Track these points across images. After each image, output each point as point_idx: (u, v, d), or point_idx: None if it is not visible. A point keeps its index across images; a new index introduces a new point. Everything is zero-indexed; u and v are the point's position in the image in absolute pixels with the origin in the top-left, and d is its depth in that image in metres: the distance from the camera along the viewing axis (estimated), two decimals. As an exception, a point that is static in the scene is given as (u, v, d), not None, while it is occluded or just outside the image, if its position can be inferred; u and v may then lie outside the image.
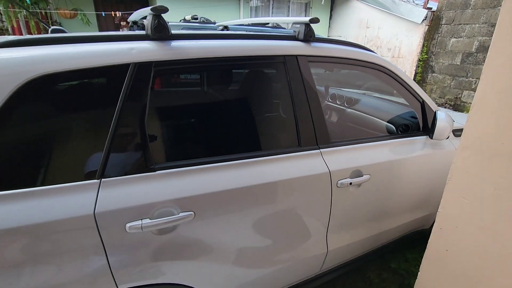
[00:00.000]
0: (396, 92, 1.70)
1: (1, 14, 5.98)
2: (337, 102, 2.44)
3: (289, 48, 1.25)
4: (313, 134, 1.29)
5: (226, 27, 1.94)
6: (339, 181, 1.32)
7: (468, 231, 1.16)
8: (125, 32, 1.06)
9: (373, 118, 2.00)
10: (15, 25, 5.94)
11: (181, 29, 2.68)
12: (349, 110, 2.27)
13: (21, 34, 6.24)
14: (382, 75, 1.57)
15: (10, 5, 5.46)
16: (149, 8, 1.00)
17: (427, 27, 5.63)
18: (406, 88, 1.63)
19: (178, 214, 0.99)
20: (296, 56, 1.27)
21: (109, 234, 0.90)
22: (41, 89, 0.86)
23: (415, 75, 6.00)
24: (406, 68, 6.11)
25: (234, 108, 1.25)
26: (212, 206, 1.05)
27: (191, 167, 1.03)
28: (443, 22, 5.42)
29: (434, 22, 5.57)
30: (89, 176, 0.89)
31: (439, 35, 5.52)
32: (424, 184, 1.70)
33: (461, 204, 1.17)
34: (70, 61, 0.89)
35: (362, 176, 1.38)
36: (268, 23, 3.86)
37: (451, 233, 1.22)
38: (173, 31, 1.05)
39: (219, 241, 1.10)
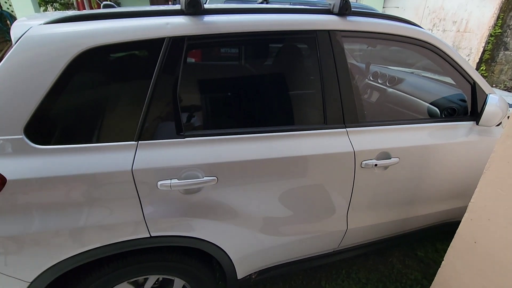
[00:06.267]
0: (444, 72, 1.56)
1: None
2: (378, 81, 2.30)
3: (321, 22, 1.22)
4: (340, 112, 1.28)
5: (266, 0, 1.92)
6: (364, 162, 1.30)
7: (502, 224, 1.09)
8: (162, 7, 1.13)
9: (415, 99, 1.86)
10: (79, 0, 6.49)
11: (224, 2, 2.70)
12: (390, 89, 2.14)
13: (84, 8, 6.81)
14: (428, 52, 1.45)
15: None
16: None
17: (506, -5, 4.80)
18: (455, 68, 1.48)
19: (202, 178, 1.09)
20: (328, 31, 1.23)
21: (144, 188, 1.04)
22: (90, 60, 0.99)
23: (482, 53, 5.26)
24: (473, 45, 5.37)
25: (262, 82, 1.28)
26: (234, 174, 1.14)
27: (217, 137, 1.12)
28: (527, -11, 4.57)
29: (516, -11, 4.72)
30: (129, 138, 1.03)
31: (521, 5, 4.68)
32: (464, 174, 1.58)
33: (496, 196, 1.09)
34: (114, 35, 0.99)
35: (390, 158, 1.34)
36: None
37: (482, 224, 1.16)
38: (213, 4, 1.09)
39: (241, 207, 1.20)
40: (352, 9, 1.27)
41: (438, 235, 2.02)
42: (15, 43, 0.94)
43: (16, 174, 0.93)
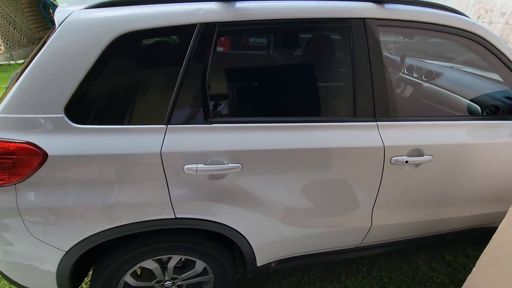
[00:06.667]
0: (491, 67, 1.44)
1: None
2: (414, 75, 2.18)
3: (356, 10, 1.16)
4: (372, 105, 1.23)
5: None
6: (394, 158, 1.25)
7: (546, 233, 1.00)
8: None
9: (453, 95, 1.75)
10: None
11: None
12: (425, 84, 2.02)
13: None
14: (475, 45, 1.34)
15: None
16: None
17: None
18: (504, 63, 1.36)
19: (227, 164, 1.10)
20: (363, 19, 1.18)
21: (171, 171, 1.07)
22: (125, 45, 1.02)
23: (534, 48, 4.79)
24: (523, 39, 4.90)
25: (291, 70, 1.26)
26: (259, 162, 1.14)
27: (244, 124, 1.12)
28: None
29: None
30: (159, 121, 1.06)
31: None
32: (504, 177, 1.47)
33: (541, 202, 1.00)
34: (148, 20, 1.01)
35: (422, 156, 1.28)
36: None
37: (523, 232, 1.07)
38: None
39: (264, 195, 1.20)
40: (391, -4, 1.20)
41: (470, 239, 1.91)
42: (58, 27, 0.99)
43: (56, 151, 0.99)
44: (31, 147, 0.98)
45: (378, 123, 1.24)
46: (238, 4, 1.08)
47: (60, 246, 1.09)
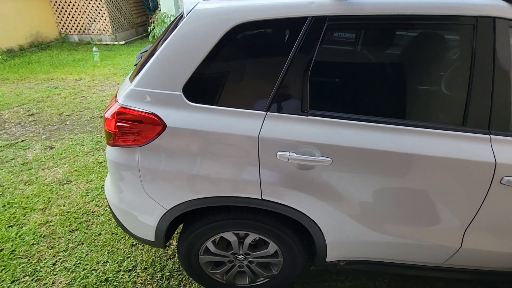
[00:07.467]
0: None
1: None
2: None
3: (486, 7, 1.04)
4: (487, 116, 1.10)
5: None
6: (506, 178, 1.11)
7: None
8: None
9: None
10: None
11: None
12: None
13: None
14: None
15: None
16: None
17: None
18: None
19: (318, 157, 1.13)
20: (494, 18, 1.05)
21: (265, 156, 1.15)
22: (240, 34, 1.11)
23: None
24: None
25: (395, 71, 1.20)
26: (350, 159, 1.13)
27: (339, 120, 1.12)
28: None
29: None
30: (260, 107, 1.14)
31: None
32: None
33: None
34: (263, 12, 1.08)
35: (543, 180, 1.10)
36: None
37: None
38: None
39: (349, 193, 1.19)
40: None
41: None
42: (187, 15, 1.12)
43: (173, 123, 1.15)
44: (155, 117, 1.16)
45: (492, 136, 1.11)
46: (351, -2, 1.07)
47: (164, 204, 1.28)
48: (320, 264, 1.44)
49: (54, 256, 1.87)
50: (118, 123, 1.19)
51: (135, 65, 1.59)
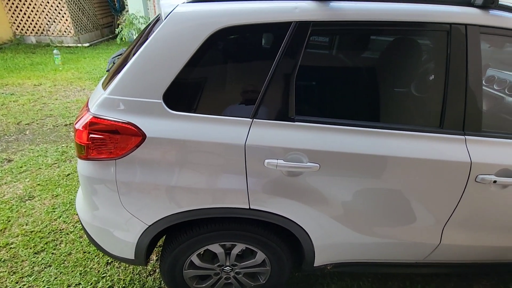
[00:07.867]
0: None
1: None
2: (494, 87, 2.00)
3: (458, 14, 1.10)
4: (461, 118, 1.16)
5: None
6: (480, 176, 1.17)
7: None
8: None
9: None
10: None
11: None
12: (509, 99, 1.84)
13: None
14: None
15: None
16: None
17: None
18: None
19: (306, 163, 1.12)
20: (465, 25, 1.11)
21: (252, 164, 1.11)
22: (224, 39, 1.07)
23: None
24: None
25: (377, 75, 1.23)
26: (337, 164, 1.13)
27: (326, 125, 1.12)
28: None
29: None
30: (246, 114, 1.10)
31: None
32: None
33: None
34: (246, 16, 1.05)
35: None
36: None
37: None
38: None
39: (335, 198, 1.19)
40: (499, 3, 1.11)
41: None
42: (165, 18, 1.06)
43: (153, 133, 1.08)
44: (133, 127, 1.07)
45: (467, 137, 1.17)
46: (334, 4, 1.07)
47: (145, 220, 1.20)
48: (308, 269, 1.43)
49: (17, 283, 1.68)
50: (91, 135, 1.09)
51: (107, 71, 1.48)
